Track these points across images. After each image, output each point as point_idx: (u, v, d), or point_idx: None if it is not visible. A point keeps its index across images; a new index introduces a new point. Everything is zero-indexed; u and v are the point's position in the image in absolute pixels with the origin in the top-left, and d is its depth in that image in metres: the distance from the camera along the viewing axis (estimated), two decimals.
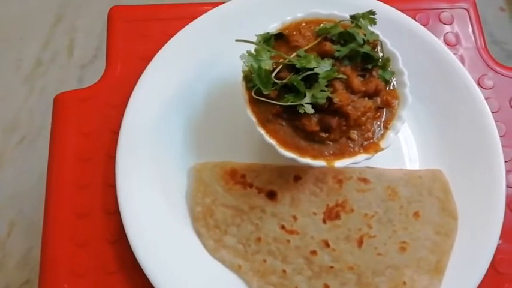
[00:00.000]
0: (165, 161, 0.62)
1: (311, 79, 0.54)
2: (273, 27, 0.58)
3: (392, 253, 0.59)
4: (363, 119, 0.55)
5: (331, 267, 0.58)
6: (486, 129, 0.64)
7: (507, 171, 0.62)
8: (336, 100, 0.53)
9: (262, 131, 0.55)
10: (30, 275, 1.36)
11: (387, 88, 0.58)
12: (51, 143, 0.64)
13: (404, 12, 0.70)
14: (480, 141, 0.64)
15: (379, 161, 0.61)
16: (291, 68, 0.55)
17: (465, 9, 0.74)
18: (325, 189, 0.61)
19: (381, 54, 0.59)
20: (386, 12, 0.68)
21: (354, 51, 0.56)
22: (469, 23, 0.73)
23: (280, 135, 0.55)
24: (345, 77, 0.55)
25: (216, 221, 0.60)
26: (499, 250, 0.60)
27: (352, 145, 0.55)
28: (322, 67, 0.54)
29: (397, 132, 0.56)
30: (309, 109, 0.53)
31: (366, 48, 0.56)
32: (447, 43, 0.72)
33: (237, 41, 0.55)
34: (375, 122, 0.56)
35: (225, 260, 0.59)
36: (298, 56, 0.55)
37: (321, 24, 0.59)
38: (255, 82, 0.54)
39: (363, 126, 0.56)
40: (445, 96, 0.67)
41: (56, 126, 0.65)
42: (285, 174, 0.62)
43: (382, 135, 0.56)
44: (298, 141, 0.55)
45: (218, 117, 0.65)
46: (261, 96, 0.54)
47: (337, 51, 0.56)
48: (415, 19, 0.71)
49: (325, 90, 0.53)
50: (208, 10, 0.68)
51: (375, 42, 0.58)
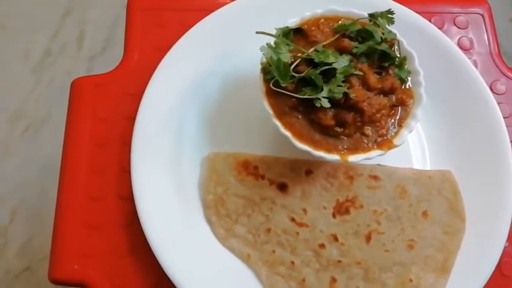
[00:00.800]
0: (179, 150, 0.63)
1: (328, 74, 0.54)
2: (292, 22, 0.59)
3: (400, 250, 0.60)
4: (378, 115, 0.56)
5: (339, 261, 0.59)
6: (497, 134, 0.65)
7: None
8: (352, 96, 0.54)
9: (278, 123, 0.56)
10: (31, 263, 1.36)
11: (402, 87, 0.59)
12: (66, 127, 0.65)
13: (420, 15, 0.71)
14: (490, 145, 0.65)
15: (390, 159, 0.62)
16: (309, 62, 0.56)
17: (480, 15, 0.75)
18: (336, 184, 0.62)
19: (397, 54, 0.60)
20: (403, 13, 0.69)
21: (372, 49, 0.57)
22: (484, 28, 0.74)
23: (296, 127, 0.56)
24: (361, 73, 0.56)
25: (227, 210, 0.61)
26: (505, 253, 0.60)
27: (366, 141, 0.56)
28: (340, 62, 0.54)
29: (410, 131, 0.57)
30: (326, 103, 0.53)
31: (384, 46, 0.57)
32: (461, 47, 0.72)
33: (257, 32, 0.56)
34: (389, 119, 0.57)
35: (235, 248, 0.59)
36: (316, 50, 0.56)
37: (340, 21, 0.60)
38: (273, 74, 0.55)
39: (378, 123, 0.56)
40: (457, 98, 0.67)
41: (72, 111, 0.66)
42: (297, 167, 0.62)
43: (396, 133, 0.57)
44: (313, 135, 0.56)
45: (233, 108, 0.66)
46: (278, 88, 0.55)
47: (355, 47, 0.56)
48: (430, 22, 0.72)
49: (342, 86, 0.54)
50: (226, 3, 0.69)
51: (392, 41, 0.59)
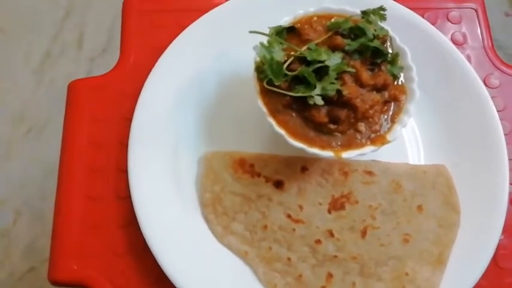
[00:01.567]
0: (176, 149, 0.64)
1: (321, 72, 0.55)
2: (285, 21, 0.60)
3: (396, 244, 0.60)
4: (371, 112, 0.57)
5: (335, 257, 0.59)
6: (491, 127, 0.65)
7: (511, 169, 0.63)
8: (345, 93, 0.55)
9: (272, 121, 0.56)
10: (35, 264, 1.38)
11: (395, 83, 0.59)
12: (64, 129, 0.66)
13: (412, 11, 0.71)
14: (485, 139, 0.65)
15: (385, 154, 0.63)
16: (302, 60, 0.56)
17: (473, 9, 0.75)
18: (331, 180, 0.63)
19: (390, 50, 0.60)
20: (396, 10, 0.69)
21: (364, 46, 0.57)
22: (477, 23, 0.75)
23: (290, 125, 0.57)
24: (354, 70, 0.56)
25: (224, 208, 0.61)
26: (500, 245, 0.61)
27: (359, 137, 0.57)
28: (333, 60, 0.55)
29: (403, 126, 0.58)
30: (319, 100, 0.54)
31: (376, 43, 0.57)
32: (454, 42, 0.73)
33: (250, 32, 0.57)
34: (382, 115, 0.58)
35: (232, 246, 0.60)
36: (309, 48, 0.56)
37: (332, 19, 0.60)
38: (266, 73, 0.56)
39: (371, 119, 0.57)
40: (451, 93, 0.68)
41: (69, 113, 0.67)
42: (292, 164, 0.63)
43: (389, 129, 0.57)
44: (307, 132, 0.57)
45: (229, 107, 0.67)
46: (272, 87, 0.56)
47: (348, 45, 0.57)
48: (423, 17, 0.72)
49: (334, 83, 0.55)
50: (221, 3, 0.70)
51: (384, 38, 0.60)
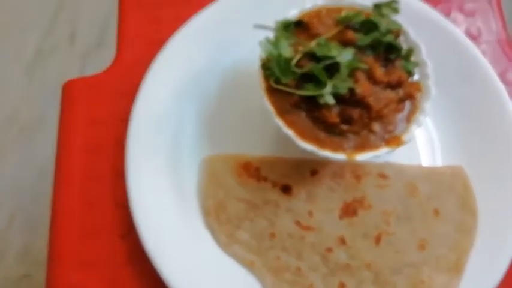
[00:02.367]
0: (176, 152, 0.60)
1: (332, 68, 0.51)
2: (292, 14, 0.56)
3: (411, 251, 0.57)
4: (385, 111, 0.53)
5: (348, 265, 0.56)
6: (508, 125, 0.62)
7: None
8: (358, 91, 0.51)
9: (279, 122, 0.53)
10: (30, 268, 1.34)
11: (410, 80, 0.56)
12: (59, 132, 0.62)
13: (425, 3, 0.67)
14: (501, 138, 0.62)
15: (398, 156, 0.60)
16: (311, 56, 0.52)
17: (487, 2, 0.72)
18: (342, 184, 0.59)
19: (403, 45, 0.57)
20: (408, 2, 0.65)
21: (377, 41, 0.54)
22: (492, 16, 0.71)
23: (299, 126, 0.53)
24: (367, 67, 0.53)
25: (229, 215, 0.58)
26: None
27: (373, 138, 0.53)
28: (344, 56, 0.51)
29: (420, 126, 0.54)
30: (330, 99, 0.50)
31: (389, 38, 0.54)
32: (469, 36, 0.69)
33: (255, 26, 0.53)
34: (397, 114, 0.54)
35: (238, 255, 0.57)
36: (318, 44, 0.53)
37: (342, 12, 0.57)
38: (273, 70, 0.52)
39: (385, 119, 0.53)
40: (466, 90, 0.64)
41: (64, 114, 0.63)
42: (301, 168, 0.60)
43: (405, 129, 0.54)
44: (317, 133, 0.53)
45: (232, 107, 0.63)
46: (279, 85, 0.52)
47: (360, 40, 0.53)
48: (436, 9, 0.69)
49: (346, 80, 0.51)
50: None
51: (397, 32, 0.56)
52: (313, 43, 0.53)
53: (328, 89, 0.51)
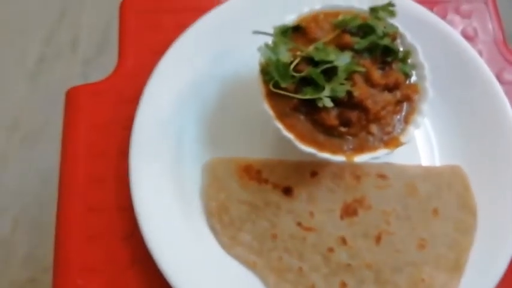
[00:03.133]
0: (179, 156, 0.61)
1: (330, 72, 0.52)
2: (290, 19, 0.57)
3: (411, 250, 0.58)
4: (383, 113, 0.54)
5: (349, 265, 0.57)
6: (506, 124, 0.63)
7: None
8: (355, 93, 0.52)
9: (279, 125, 0.54)
10: (35, 272, 1.35)
11: (407, 82, 0.57)
12: (63, 138, 0.63)
13: (421, 5, 0.68)
14: (499, 136, 0.63)
15: (397, 156, 0.60)
16: (309, 61, 0.53)
17: (483, 3, 0.73)
18: (342, 185, 0.60)
19: (400, 47, 0.58)
20: (404, 4, 0.66)
21: (374, 44, 0.55)
22: (488, 16, 0.72)
23: (298, 129, 0.54)
24: (364, 70, 0.54)
25: (231, 217, 0.59)
26: None
27: (372, 140, 0.54)
28: (342, 60, 0.52)
29: (417, 127, 0.55)
30: (328, 102, 0.51)
31: (386, 41, 0.55)
32: (465, 37, 0.70)
33: (254, 32, 0.54)
34: (395, 116, 0.55)
35: (240, 256, 0.58)
36: (316, 48, 0.54)
37: (339, 16, 0.58)
38: (272, 75, 0.53)
39: (383, 121, 0.54)
40: (463, 90, 0.65)
41: (67, 121, 0.64)
42: (301, 169, 0.60)
43: (403, 130, 0.55)
44: (316, 136, 0.54)
45: (233, 111, 0.64)
46: (278, 90, 0.53)
47: (357, 43, 0.54)
48: (432, 11, 0.69)
49: (344, 84, 0.52)
50: (223, 2, 0.67)
51: (394, 35, 0.57)
52: (311, 47, 0.54)
53: (326, 92, 0.52)
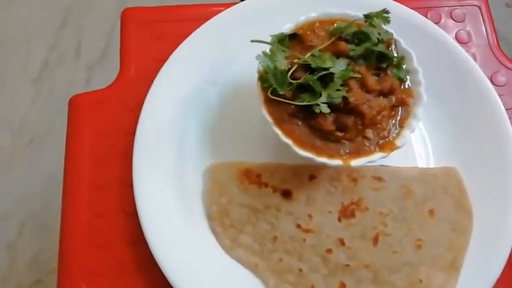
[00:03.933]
0: (181, 162, 0.62)
1: (326, 79, 0.54)
2: (287, 28, 0.59)
3: (408, 251, 0.59)
4: (379, 117, 0.56)
5: (347, 265, 0.58)
6: (500, 127, 0.64)
7: None
8: (351, 99, 0.54)
9: (278, 131, 0.55)
10: (41, 275, 1.37)
11: (402, 87, 0.58)
12: (67, 145, 0.65)
13: (415, 10, 0.70)
14: (494, 139, 0.64)
15: (393, 159, 0.61)
16: (306, 68, 0.55)
17: (477, 6, 0.74)
18: (340, 187, 0.62)
19: (395, 53, 0.59)
20: (398, 11, 0.68)
21: (369, 51, 0.56)
22: (481, 20, 0.73)
23: (296, 134, 0.55)
24: (360, 76, 0.55)
25: (232, 220, 0.60)
26: None
27: (368, 144, 0.56)
28: (338, 66, 0.54)
29: (412, 131, 0.56)
30: (325, 108, 0.53)
31: (381, 47, 0.56)
32: (459, 41, 0.72)
33: (252, 41, 0.55)
34: (390, 120, 0.57)
35: (242, 259, 0.59)
36: (313, 55, 0.55)
37: (335, 24, 0.59)
38: (270, 82, 0.54)
39: (379, 125, 0.56)
40: (457, 93, 0.67)
41: (71, 128, 0.66)
42: (299, 173, 0.62)
43: (398, 134, 0.56)
44: (314, 141, 0.55)
45: (233, 117, 0.66)
46: (276, 96, 0.55)
47: (352, 50, 0.56)
48: (426, 17, 0.71)
49: (340, 90, 0.53)
50: (221, 11, 0.69)
51: (389, 41, 0.59)
52: (308, 55, 0.56)
53: (323, 98, 0.53)
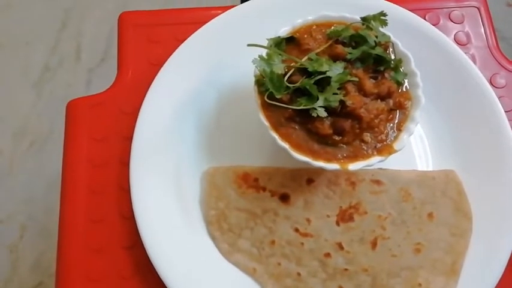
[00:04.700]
0: (178, 166, 0.62)
1: (323, 82, 0.54)
2: (283, 31, 0.58)
3: (407, 254, 0.59)
4: (376, 121, 0.55)
5: (346, 270, 0.58)
6: (499, 129, 0.64)
7: None
8: (348, 103, 0.53)
9: (275, 135, 0.55)
10: (43, 278, 1.38)
11: (399, 90, 0.58)
12: (64, 149, 0.65)
13: (413, 12, 0.69)
14: (493, 141, 0.64)
15: (392, 162, 0.61)
16: (303, 71, 0.55)
17: (476, 8, 0.74)
18: (338, 191, 0.61)
19: (392, 56, 0.59)
20: (396, 13, 0.67)
21: (366, 54, 0.56)
22: (480, 21, 0.73)
23: (293, 138, 0.55)
24: (357, 79, 0.55)
25: (230, 225, 0.60)
26: None
27: (365, 148, 0.55)
28: (334, 70, 0.54)
29: (410, 134, 0.56)
30: (322, 112, 0.53)
31: (378, 50, 0.56)
32: (458, 42, 0.71)
33: (248, 45, 0.55)
34: (388, 124, 0.56)
35: (240, 263, 0.59)
36: (310, 59, 0.55)
37: (332, 27, 0.59)
38: (267, 86, 0.54)
39: (376, 129, 0.55)
40: (457, 96, 0.66)
41: (68, 133, 0.66)
42: (297, 177, 0.62)
43: (396, 137, 0.56)
44: (311, 145, 0.55)
45: (230, 121, 0.65)
46: (273, 101, 0.54)
47: (349, 53, 0.55)
48: (424, 19, 0.70)
49: (337, 93, 0.53)
50: (218, 14, 0.69)
51: (386, 44, 0.58)
52: (305, 58, 0.55)
53: (320, 102, 0.53)
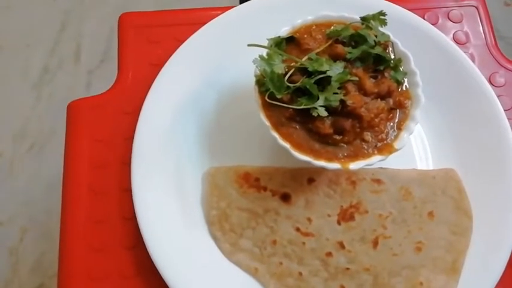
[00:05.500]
0: (180, 166, 0.62)
1: (323, 82, 0.54)
2: (284, 31, 0.59)
3: (408, 253, 0.59)
4: (376, 120, 0.55)
5: (347, 269, 0.58)
6: (498, 127, 0.64)
7: None
8: (349, 102, 0.54)
9: (276, 135, 0.55)
10: (44, 279, 1.38)
11: (399, 89, 0.58)
12: (66, 150, 0.65)
13: (413, 12, 0.70)
14: (493, 139, 0.64)
15: (392, 161, 0.61)
16: (303, 71, 0.55)
17: (474, 7, 0.74)
18: (339, 190, 0.61)
19: (392, 55, 0.59)
20: (395, 12, 0.68)
21: (366, 53, 0.56)
22: (479, 20, 0.73)
23: (294, 138, 0.55)
24: (357, 79, 0.55)
25: (232, 225, 0.60)
26: None
27: (366, 147, 0.55)
28: (335, 70, 0.54)
29: (410, 133, 0.56)
30: (323, 112, 0.53)
31: (378, 50, 0.56)
32: (457, 41, 0.71)
33: (249, 45, 0.55)
34: (388, 123, 0.56)
35: (242, 263, 0.59)
36: (310, 59, 0.55)
37: (332, 27, 0.59)
38: (267, 86, 0.54)
39: (377, 128, 0.56)
40: (456, 94, 0.66)
41: (69, 134, 0.66)
42: (298, 176, 0.62)
43: (396, 136, 0.56)
44: (312, 144, 0.55)
45: (231, 121, 0.66)
46: (274, 100, 0.55)
47: (349, 53, 0.56)
48: (423, 18, 0.71)
49: (338, 93, 0.53)
50: (218, 15, 0.69)
51: (386, 43, 0.58)
52: (305, 58, 0.56)
53: (320, 102, 0.53)
